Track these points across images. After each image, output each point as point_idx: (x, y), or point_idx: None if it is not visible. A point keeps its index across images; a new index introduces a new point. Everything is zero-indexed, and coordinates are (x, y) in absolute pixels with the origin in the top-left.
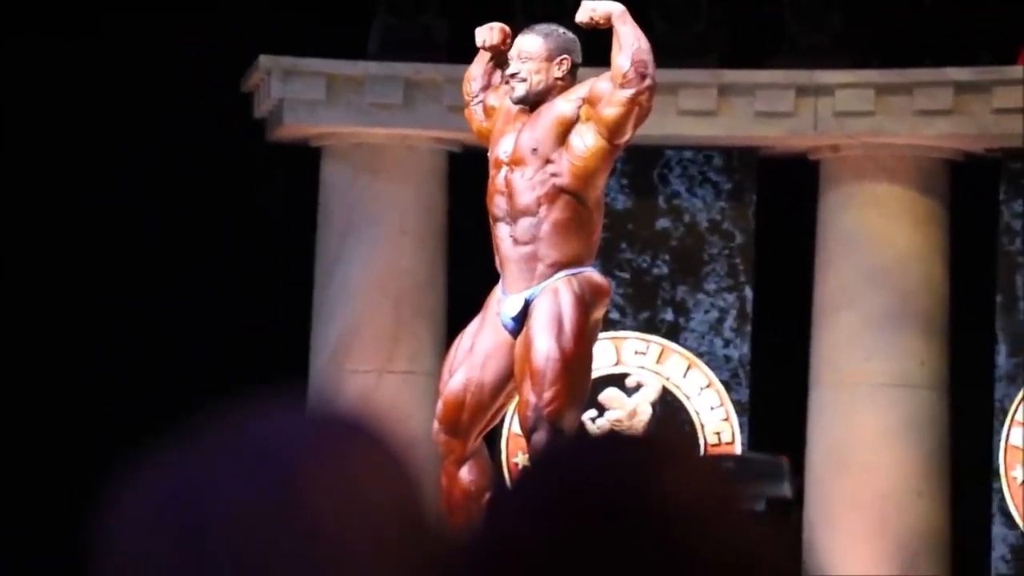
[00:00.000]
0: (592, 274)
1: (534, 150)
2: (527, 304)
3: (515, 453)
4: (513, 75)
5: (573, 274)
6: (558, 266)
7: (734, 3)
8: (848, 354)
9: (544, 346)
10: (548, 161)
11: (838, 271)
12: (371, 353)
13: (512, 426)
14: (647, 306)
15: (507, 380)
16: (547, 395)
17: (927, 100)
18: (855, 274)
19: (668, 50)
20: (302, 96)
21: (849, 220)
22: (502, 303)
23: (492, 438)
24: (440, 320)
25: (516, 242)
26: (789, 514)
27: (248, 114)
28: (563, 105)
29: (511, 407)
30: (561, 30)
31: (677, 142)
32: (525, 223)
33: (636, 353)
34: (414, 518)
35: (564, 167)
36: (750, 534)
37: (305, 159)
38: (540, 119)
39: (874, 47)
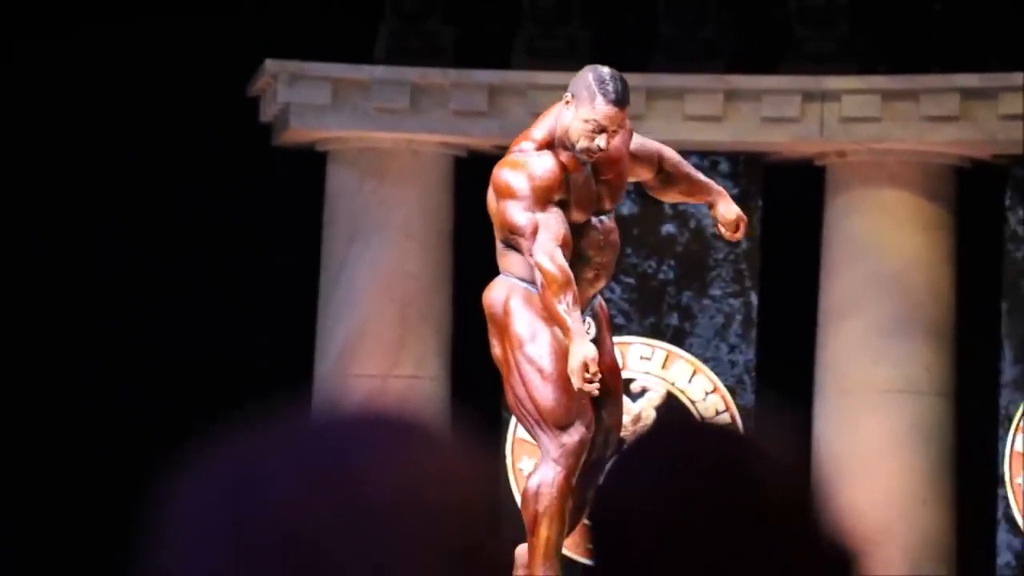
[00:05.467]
0: None
1: (615, 196)
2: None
3: (519, 459)
4: (600, 149)
5: None
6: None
7: (741, 9)
8: (854, 360)
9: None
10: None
11: (844, 277)
12: (376, 358)
13: (517, 432)
14: (652, 311)
15: None
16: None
17: (934, 106)
18: (861, 280)
19: (675, 55)
20: (308, 100)
21: (855, 226)
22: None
23: (497, 443)
24: (446, 325)
25: (597, 276)
26: None
27: (254, 118)
28: (621, 149)
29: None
30: (622, 79)
31: (683, 147)
32: (607, 258)
33: (641, 358)
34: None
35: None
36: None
37: (311, 164)
38: (616, 159)
39: (881, 53)
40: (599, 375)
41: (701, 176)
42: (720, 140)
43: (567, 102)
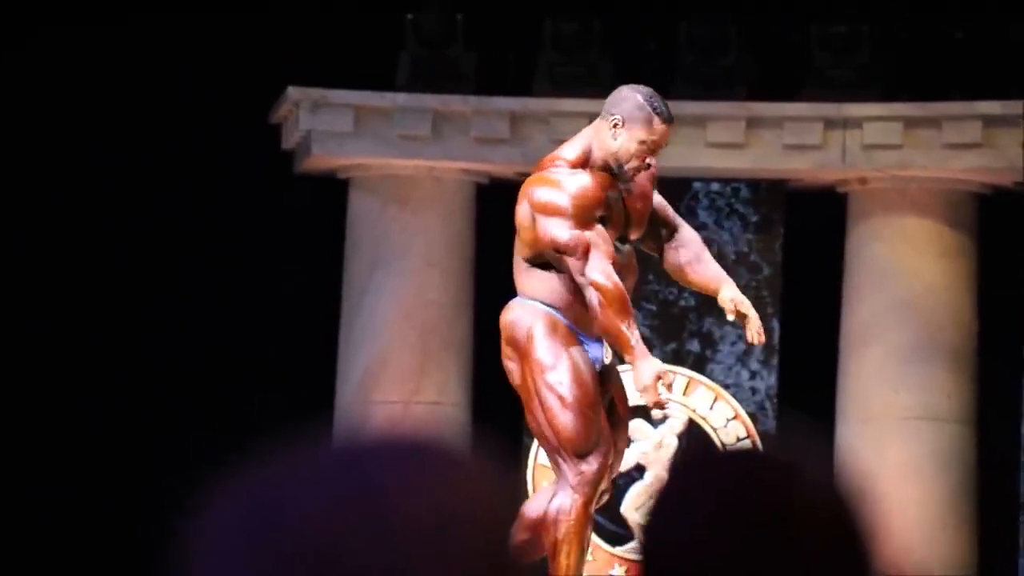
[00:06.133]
0: None
1: (639, 227)
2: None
3: (540, 484)
4: (649, 165)
5: None
6: None
7: (762, 35)
8: (875, 387)
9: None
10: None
11: (865, 304)
12: (398, 384)
13: (539, 457)
14: (674, 338)
15: None
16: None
17: (955, 133)
18: (882, 307)
19: (696, 82)
20: (330, 128)
21: (877, 253)
22: (589, 347)
23: (518, 468)
24: (467, 352)
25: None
26: None
27: (276, 145)
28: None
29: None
30: (661, 96)
31: (705, 174)
32: (627, 284)
33: (662, 385)
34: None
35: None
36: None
37: (333, 191)
38: (642, 192)
39: (902, 80)
40: (671, 388)
41: (714, 263)
42: (742, 167)
43: (615, 125)
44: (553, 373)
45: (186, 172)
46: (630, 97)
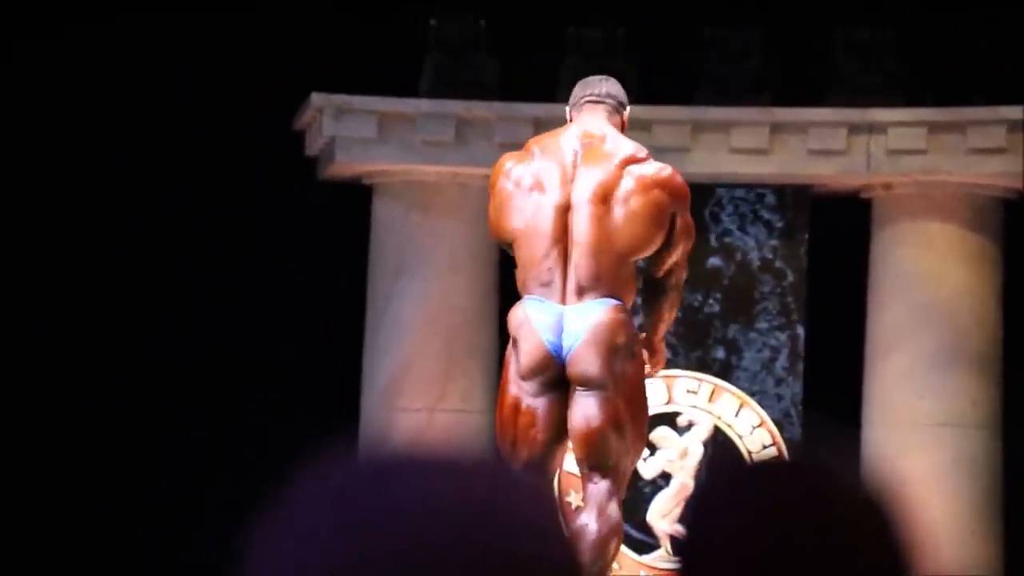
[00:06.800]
0: None
1: None
2: None
3: (567, 492)
4: None
5: None
6: None
7: (787, 41)
8: (900, 393)
9: None
10: None
11: (890, 309)
12: (422, 391)
13: (565, 464)
14: (699, 345)
15: None
16: None
17: (980, 138)
18: (907, 313)
19: (721, 88)
20: (354, 134)
21: (902, 258)
22: None
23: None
24: (492, 358)
25: None
26: None
27: (300, 152)
28: None
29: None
30: None
31: (729, 180)
32: None
33: (688, 392)
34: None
35: None
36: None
37: (357, 197)
38: None
39: (927, 85)
40: None
41: None
42: (766, 173)
43: (625, 117)
44: (645, 388)
45: (210, 178)
46: (621, 88)
